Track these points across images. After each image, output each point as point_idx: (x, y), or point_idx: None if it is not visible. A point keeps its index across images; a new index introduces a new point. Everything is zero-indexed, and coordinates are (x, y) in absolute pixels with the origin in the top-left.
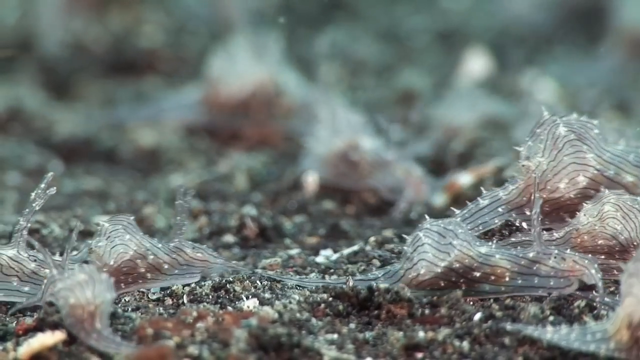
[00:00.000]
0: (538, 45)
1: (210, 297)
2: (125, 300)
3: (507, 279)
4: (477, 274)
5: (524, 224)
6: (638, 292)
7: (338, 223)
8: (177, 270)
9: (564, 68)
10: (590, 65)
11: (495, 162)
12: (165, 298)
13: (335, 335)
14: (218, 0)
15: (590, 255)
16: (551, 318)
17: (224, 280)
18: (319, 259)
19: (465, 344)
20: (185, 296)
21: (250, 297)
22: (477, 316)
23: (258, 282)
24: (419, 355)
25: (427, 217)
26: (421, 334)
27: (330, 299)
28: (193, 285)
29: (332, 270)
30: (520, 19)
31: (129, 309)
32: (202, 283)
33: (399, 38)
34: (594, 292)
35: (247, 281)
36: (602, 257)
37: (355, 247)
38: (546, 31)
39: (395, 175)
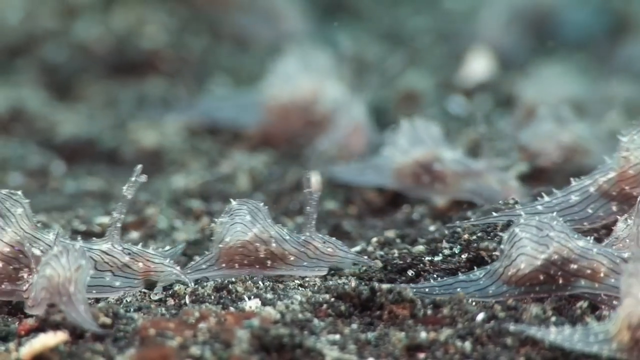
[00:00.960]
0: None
1: (213, 297)
2: (127, 300)
3: (602, 274)
4: (575, 267)
5: None
6: (637, 293)
7: (340, 223)
8: (306, 263)
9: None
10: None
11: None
12: (168, 298)
13: (338, 336)
14: (279, 17)
15: None
16: (553, 319)
17: (226, 281)
18: None
19: (468, 345)
20: (187, 297)
21: (252, 297)
22: (480, 316)
23: (260, 282)
24: (421, 355)
25: (429, 218)
26: (423, 334)
27: (333, 299)
28: (195, 285)
29: (332, 272)
30: (497, 44)
31: (132, 310)
32: (204, 283)
33: (402, 39)
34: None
35: (249, 281)
36: None
37: (357, 248)
38: (527, 51)
39: (489, 185)
